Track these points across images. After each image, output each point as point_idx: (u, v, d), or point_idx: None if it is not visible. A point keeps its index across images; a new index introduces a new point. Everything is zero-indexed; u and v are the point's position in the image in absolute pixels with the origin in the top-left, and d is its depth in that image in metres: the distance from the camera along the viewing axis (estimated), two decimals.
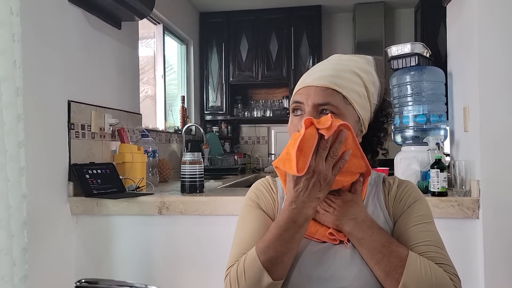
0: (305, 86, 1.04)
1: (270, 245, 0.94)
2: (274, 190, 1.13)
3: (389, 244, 0.95)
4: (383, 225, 1.03)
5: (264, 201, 1.11)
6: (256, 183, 1.17)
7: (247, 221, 1.08)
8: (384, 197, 1.08)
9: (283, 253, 0.94)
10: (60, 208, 2.06)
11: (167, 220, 2.07)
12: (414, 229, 1.01)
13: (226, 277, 1.00)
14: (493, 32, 1.89)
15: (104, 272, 2.10)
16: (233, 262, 1.00)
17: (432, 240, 0.99)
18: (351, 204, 1.01)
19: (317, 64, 1.11)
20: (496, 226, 1.84)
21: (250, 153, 5.10)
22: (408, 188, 1.09)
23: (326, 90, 1.01)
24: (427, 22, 4.29)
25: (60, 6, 2.10)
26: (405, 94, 2.32)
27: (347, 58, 1.10)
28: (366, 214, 1.01)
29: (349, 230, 0.98)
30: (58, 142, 2.06)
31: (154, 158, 2.79)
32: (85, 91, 2.28)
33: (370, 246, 0.95)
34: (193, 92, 4.69)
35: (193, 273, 2.05)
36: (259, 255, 0.94)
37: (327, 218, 1.01)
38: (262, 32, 4.79)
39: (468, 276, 1.87)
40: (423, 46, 2.32)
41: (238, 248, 1.03)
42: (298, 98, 1.04)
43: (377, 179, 1.12)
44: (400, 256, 0.93)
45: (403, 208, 1.05)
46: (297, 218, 0.94)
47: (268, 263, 0.93)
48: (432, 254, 0.96)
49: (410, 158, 2.17)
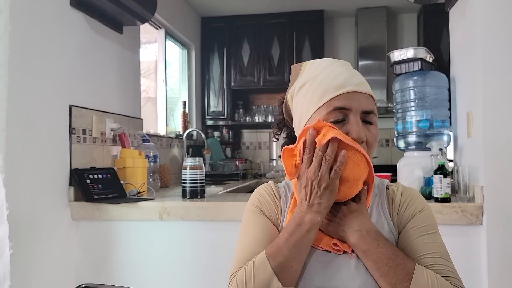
0: (349, 91, 0.98)
1: (279, 250, 0.94)
2: (277, 196, 1.11)
3: (395, 256, 0.93)
4: (387, 234, 1.02)
5: (267, 206, 1.10)
6: (259, 189, 1.15)
7: (250, 228, 1.07)
8: (388, 206, 1.07)
9: (292, 258, 0.93)
10: (60, 213, 2.05)
11: (168, 226, 2.05)
12: (420, 240, 0.99)
13: (230, 282, 0.98)
14: (497, 36, 1.88)
15: (105, 277, 2.09)
16: (238, 267, 0.99)
17: (438, 252, 0.98)
18: (356, 215, 0.99)
19: (329, 66, 1.04)
20: (500, 232, 1.82)
21: (252, 159, 5.08)
22: (413, 197, 1.07)
23: (369, 98, 1.00)
24: (429, 27, 4.28)
25: (61, 11, 2.09)
26: (408, 99, 2.31)
27: (346, 63, 1.08)
28: (372, 226, 0.99)
29: (354, 242, 0.96)
30: (59, 146, 2.05)
31: (155, 163, 2.78)
32: (87, 96, 2.27)
33: (376, 258, 0.94)
34: (195, 97, 4.68)
35: (195, 279, 2.04)
36: (269, 259, 0.93)
37: (331, 228, 1.00)
38: (263, 37, 4.79)
39: (472, 283, 1.85)
40: (426, 51, 2.31)
41: (243, 254, 1.02)
42: (344, 104, 0.97)
43: (380, 186, 1.10)
44: (407, 269, 0.92)
45: (408, 217, 1.04)
46: (302, 223, 0.94)
47: (278, 268, 0.92)
48: (438, 267, 0.95)
49: (413, 164, 2.16)
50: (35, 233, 1.85)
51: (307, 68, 1.07)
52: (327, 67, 1.03)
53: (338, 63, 1.05)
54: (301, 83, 1.05)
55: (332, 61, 1.06)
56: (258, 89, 4.97)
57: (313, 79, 1.02)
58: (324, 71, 1.03)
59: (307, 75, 1.05)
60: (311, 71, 1.05)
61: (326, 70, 1.03)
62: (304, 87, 1.04)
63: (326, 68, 1.03)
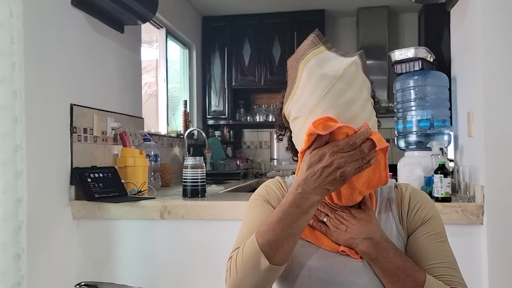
0: None
1: (270, 228, 0.89)
2: (285, 189, 1.11)
3: (404, 267, 0.94)
4: (395, 236, 1.02)
5: (274, 196, 1.09)
6: (266, 182, 1.15)
7: (254, 212, 1.06)
8: (397, 206, 1.06)
9: (284, 238, 0.88)
10: (61, 212, 2.05)
11: (169, 225, 2.06)
12: (430, 248, 1.00)
13: (227, 262, 0.97)
14: (497, 36, 1.88)
15: (106, 276, 2.09)
16: (235, 248, 0.98)
17: (448, 262, 0.99)
18: (364, 223, 0.98)
19: (320, 104, 0.94)
20: (501, 232, 1.82)
21: (253, 158, 5.09)
22: (423, 201, 1.06)
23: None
24: (430, 26, 4.28)
25: (63, 10, 2.10)
26: (408, 99, 2.31)
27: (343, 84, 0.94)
28: (382, 234, 0.98)
29: (364, 250, 0.96)
30: (60, 145, 2.06)
31: (156, 162, 2.79)
32: (88, 95, 2.28)
33: (385, 267, 0.94)
34: (196, 97, 4.69)
35: (195, 278, 2.04)
36: (258, 238, 0.90)
37: (339, 236, 0.99)
38: (265, 37, 4.79)
39: (473, 283, 1.85)
40: (426, 50, 2.31)
41: (243, 236, 1.00)
42: None
43: (388, 185, 1.09)
44: (417, 281, 0.92)
45: (418, 222, 1.03)
46: (302, 203, 0.87)
47: (266, 246, 0.88)
48: (449, 278, 0.96)
49: (413, 164, 2.16)
50: (36, 232, 1.86)
51: (302, 82, 1.00)
52: (320, 102, 0.93)
53: (331, 93, 0.92)
54: (294, 113, 0.99)
55: (326, 85, 0.93)
56: (259, 88, 4.97)
57: (305, 118, 0.95)
58: (317, 107, 0.93)
59: (301, 104, 0.97)
60: (304, 93, 0.97)
61: (319, 107, 0.93)
62: (298, 121, 0.98)
63: (320, 103, 0.93)
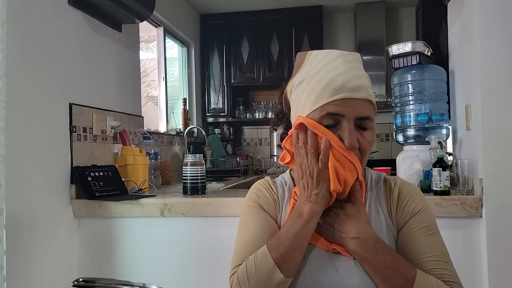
0: (344, 97, 0.95)
1: (280, 241, 0.96)
2: (274, 190, 1.12)
3: (394, 264, 0.94)
4: (385, 231, 1.02)
5: (265, 200, 1.10)
6: (256, 184, 1.16)
7: (249, 222, 1.07)
8: (387, 200, 1.06)
9: (293, 248, 0.95)
10: (62, 211, 2.06)
11: (169, 222, 2.07)
12: (421, 241, 0.99)
13: (232, 276, 0.99)
14: (495, 29, 1.88)
15: (107, 274, 2.10)
16: (238, 262, 1.00)
17: (439, 255, 0.98)
18: (352, 221, 0.97)
19: (331, 63, 0.99)
20: (500, 224, 1.83)
21: (252, 155, 5.10)
22: (413, 194, 1.06)
23: (366, 102, 0.98)
24: (428, 20, 4.28)
25: (60, 9, 2.10)
26: (406, 93, 2.31)
27: (351, 59, 1.01)
28: (369, 231, 0.97)
29: (353, 249, 0.96)
30: (60, 145, 2.06)
31: (156, 160, 2.79)
32: (87, 94, 2.28)
33: (375, 266, 0.94)
34: (195, 94, 4.69)
35: (196, 275, 2.05)
36: (271, 252, 0.95)
37: (330, 234, 1.00)
38: (263, 33, 4.79)
39: (472, 276, 1.86)
40: (424, 44, 2.32)
41: (243, 248, 1.02)
42: (337, 110, 0.95)
43: (377, 180, 1.10)
44: (407, 277, 0.92)
45: (408, 215, 1.03)
46: (302, 214, 0.96)
47: (280, 259, 0.94)
48: (440, 271, 0.96)
49: (412, 157, 2.16)
50: (37, 232, 1.87)
51: (310, 60, 1.03)
52: (329, 64, 0.98)
53: (341, 60, 0.99)
54: (300, 78, 1.02)
55: (335, 55, 1.00)
56: (258, 85, 4.97)
57: (312, 78, 0.99)
58: (324, 68, 0.98)
59: (308, 69, 1.01)
60: (312, 65, 1.01)
61: (326, 68, 0.98)
62: (302, 84, 1.01)
63: (327, 65, 0.98)
